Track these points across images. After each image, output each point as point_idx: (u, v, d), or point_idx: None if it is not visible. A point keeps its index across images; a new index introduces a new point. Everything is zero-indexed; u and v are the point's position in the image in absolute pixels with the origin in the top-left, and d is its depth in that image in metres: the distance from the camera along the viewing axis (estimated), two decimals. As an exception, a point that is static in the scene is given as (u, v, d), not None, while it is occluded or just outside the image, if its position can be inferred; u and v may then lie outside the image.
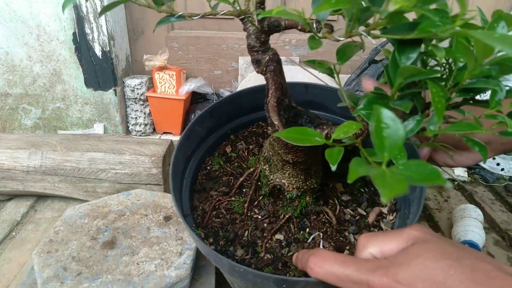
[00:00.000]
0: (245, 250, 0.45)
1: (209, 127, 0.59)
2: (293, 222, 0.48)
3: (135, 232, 0.64)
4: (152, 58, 1.24)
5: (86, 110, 1.32)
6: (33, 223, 0.87)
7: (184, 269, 0.56)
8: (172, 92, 1.29)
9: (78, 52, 1.22)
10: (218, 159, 0.58)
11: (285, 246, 0.45)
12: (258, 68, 0.42)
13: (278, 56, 0.43)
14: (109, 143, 0.93)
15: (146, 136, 1.38)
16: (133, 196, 0.73)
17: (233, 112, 0.61)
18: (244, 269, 0.37)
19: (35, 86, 1.28)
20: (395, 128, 0.26)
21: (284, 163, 0.46)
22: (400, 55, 0.28)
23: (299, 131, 0.32)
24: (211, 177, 0.56)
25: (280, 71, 0.43)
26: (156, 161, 0.87)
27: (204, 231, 0.48)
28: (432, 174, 0.23)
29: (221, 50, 1.37)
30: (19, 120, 1.34)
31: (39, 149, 0.88)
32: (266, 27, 0.39)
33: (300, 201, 0.48)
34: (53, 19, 1.16)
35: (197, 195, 0.54)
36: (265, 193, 0.50)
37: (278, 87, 0.42)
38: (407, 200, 0.46)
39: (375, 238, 0.34)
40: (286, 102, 0.45)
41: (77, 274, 0.55)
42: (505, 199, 1.05)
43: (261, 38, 0.40)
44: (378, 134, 0.26)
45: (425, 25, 0.25)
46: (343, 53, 0.34)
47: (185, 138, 0.55)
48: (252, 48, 0.41)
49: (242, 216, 0.49)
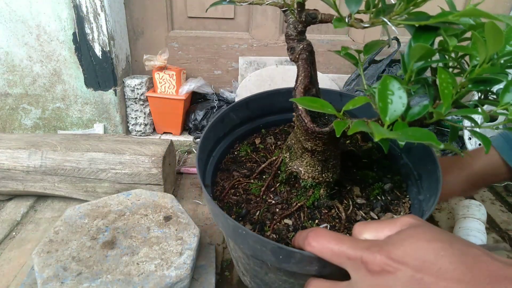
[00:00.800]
0: (253, 226, 0.48)
1: (243, 117, 0.63)
2: (304, 211, 0.49)
3: (135, 232, 0.64)
4: (152, 58, 1.24)
5: (86, 110, 1.32)
6: (33, 223, 0.87)
7: (184, 269, 0.56)
8: (172, 92, 1.29)
9: (78, 52, 1.22)
10: (246, 147, 0.61)
11: (292, 231, 0.47)
12: (291, 55, 0.45)
13: (312, 48, 0.46)
14: (109, 143, 0.93)
15: (146, 136, 1.38)
16: (133, 196, 0.73)
17: (268, 108, 0.65)
18: (246, 231, 0.39)
19: (35, 86, 1.28)
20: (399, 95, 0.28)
21: (304, 150, 0.48)
22: (416, 41, 0.30)
23: (314, 100, 0.34)
24: (236, 160, 0.60)
25: (312, 62, 0.46)
26: (156, 161, 0.87)
27: (220, 204, 0.51)
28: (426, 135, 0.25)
29: (221, 50, 1.37)
30: (19, 120, 1.34)
31: (39, 149, 0.88)
32: (303, 18, 0.42)
33: (314, 192, 0.50)
34: (53, 19, 1.16)
35: (220, 173, 0.57)
36: (282, 179, 0.52)
37: (307, 75, 0.45)
38: (421, 209, 0.48)
39: (370, 225, 0.35)
40: (314, 92, 0.47)
41: (77, 274, 0.55)
42: (505, 199, 1.05)
43: (298, 28, 0.43)
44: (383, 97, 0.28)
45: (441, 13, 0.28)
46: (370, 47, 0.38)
47: (219, 120, 0.58)
48: (289, 37, 0.44)
49: (257, 198, 0.52)
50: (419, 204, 0.49)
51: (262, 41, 1.35)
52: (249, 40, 1.35)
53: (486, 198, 1.05)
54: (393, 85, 0.29)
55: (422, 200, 0.49)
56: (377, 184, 0.54)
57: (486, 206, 1.01)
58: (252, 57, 1.36)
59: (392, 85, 0.29)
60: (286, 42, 0.46)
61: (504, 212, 0.98)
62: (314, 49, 0.46)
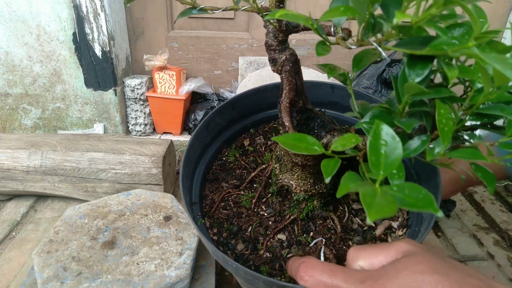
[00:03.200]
0: (246, 245, 0.46)
1: (230, 118, 0.59)
2: (298, 224, 0.47)
3: (135, 232, 0.64)
4: (152, 58, 1.24)
5: (86, 110, 1.32)
6: (33, 223, 0.87)
7: (184, 269, 0.56)
8: (172, 92, 1.29)
9: (78, 52, 1.22)
10: (234, 151, 0.58)
11: (286, 247, 0.45)
12: (274, 67, 0.42)
13: (296, 57, 0.42)
14: (109, 143, 0.93)
15: (146, 136, 1.38)
16: (133, 196, 0.73)
17: (256, 106, 0.61)
18: (236, 265, 0.37)
19: (35, 86, 1.28)
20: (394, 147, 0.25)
21: (294, 164, 0.45)
22: (410, 70, 0.27)
23: (298, 138, 0.31)
24: (225, 168, 0.56)
25: (297, 72, 0.43)
26: (156, 161, 0.87)
27: (210, 220, 0.49)
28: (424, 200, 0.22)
29: (221, 50, 1.37)
30: (19, 120, 1.34)
31: (39, 149, 0.88)
32: (284, 27, 0.38)
33: (307, 204, 0.47)
34: (53, 19, 1.16)
35: (209, 184, 0.54)
36: (273, 192, 0.50)
37: (293, 87, 0.42)
38: (420, 217, 0.46)
39: (365, 251, 0.34)
40: (300, 104, 0.45)
41: (77, 274, 0.55)
42: (505, 199, 1.05)
43: (279, 37, 0.40)
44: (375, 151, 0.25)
45: (439, 41, 0.24)
46: (359, 60, 0.32)
47: (204, 127, 0.55)
48: (270, 47, 0.41)
49: (249, 211, 0.49)
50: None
51: (262, 41, 1.35)
52: (249, 40, 1.35)
53: (486, 198, 1.05)
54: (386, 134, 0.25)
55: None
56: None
57: (486, 206, 1.01)
58: (252, 57, 1.36)
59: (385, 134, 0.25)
60: (267, 52, 0.42)
61: (504, 212, 0.98)
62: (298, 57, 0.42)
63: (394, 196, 0.23)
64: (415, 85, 0.26)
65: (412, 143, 0.30)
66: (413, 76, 0.27)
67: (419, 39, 0.25)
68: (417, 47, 0.25)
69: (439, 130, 0.26)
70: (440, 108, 0.26)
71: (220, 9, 0.39)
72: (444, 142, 0.27)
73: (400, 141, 0.25)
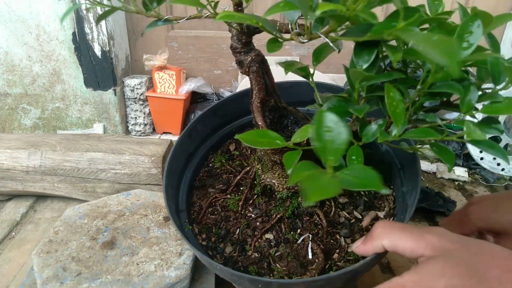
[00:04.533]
0: (234, 247, 0.46)
1: (213, 125, 0.59)
2: (284, 222, 0.48)
3: (134, 232, 0.64)
4: (152, 57, 1.23)
5: (86, 110, 1.32)
6: (32, 223, 0.87)
7: (184, 269, 0.56)
8: (172, 92, 1.28)
9: (77, 52, 1.21)
10: (220, 157, 0.58)
11: (274, 246, 0.46)
12: (241, 69, 0.42)
13: (262, 57, 0.43)
14: (109, 143, 0.92)
15: (146, 136, 1.38)
16: (133, 196, 0.73)
17: (239, 111, 0.61)
18: (220, 267, 0.38)
19: (35, 86, 1.27)
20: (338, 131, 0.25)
21: (273, 163, 0.46)
22: (357, 58, 0.28)
23: (259, 134, 0.32)
24: (212, 174, 0.57)
25: (265, 72, 0.43)
26: (156, 161, 0.87)
27: (198, 226, 0.49)
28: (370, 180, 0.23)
29: (221, 50, 1.37)
30: (19, 120, 1.34)
31: (38, 149, 0.88)
32: (245, 29, 0.39)
33: (291, 202, 0.48)
34: (52, 19, 1.16)
35: (197, 191, 0.54)
36: (258, 192, 0.50)
37: (262, 87, 0.43)
38: (405, 205, 0.46)
39: (393, 231, 0.33)
40: (272, 103, 0.45)
41: (76, 274, 0.55)
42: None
43: (243, 39, 0.41)
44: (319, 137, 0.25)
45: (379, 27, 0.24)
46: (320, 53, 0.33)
47: (186, 136, 0.55)
48: (235, 50, 0.42)
49: (236, 214, 0.50)
50: (403, 197, 0.47)
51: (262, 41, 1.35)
52: (249, 40, 1.35)
53: (486, 198, 1.05)
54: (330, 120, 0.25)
55: (406, 192, 0.47)
56: None
57: (487, 206, 1.00)
58: (252, 57, 1.35)
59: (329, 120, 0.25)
60: (233, 55, 0.43)
61: (505, 212, 0.98)
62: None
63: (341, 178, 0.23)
64: (360, 71, 0.26)
65: (370, 128, 0.30)
66: (360, 63, 0.28)
67: (363, 27, 0.26)
68: (360, 35, 0.26)
69: (390, 113, 0.27)
70: (389, 91, 0.27)
71: (184, 18, 0.39)
72: (397, 124, 0.27)
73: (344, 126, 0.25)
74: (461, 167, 1.17)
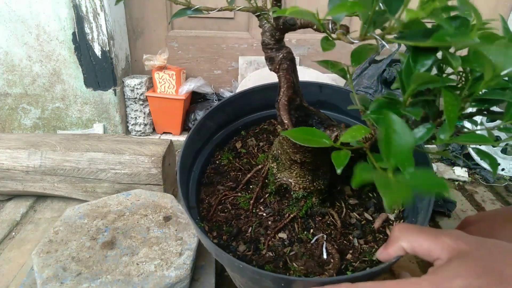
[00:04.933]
0: (248, 246, 0.46)
1: (220, 122, 0.59)
2: (297, 222, 0.47)
3: (134, 232, 0.64)
4: (152, 57, 1.23)
5: (86, 110, 1.32)
6: (32, 223, 0.87)
7: (184, 269, 0.56)
8: (172, 92, 1.28)
9: (77, 51, 1.21)
10: (227, 154, 0.58)
11: (288, 245, 0.45)
12: (271, 66, 0.42)
13: (292, 55, 0.42)
14: (109, 143, 0.92)
15: (146, 136, 1.38)
16: (133, 196, 0.73)
17: (245, 108, 0.61)
18: (244, 265, 0.38)
19: (35, 86, 1.27)
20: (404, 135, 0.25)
21: (292, 162, 0.45)
22: (415, 61, 0.28)
23: (307, 132, 0.32)
24: (219, 171, 0.56)
25: (293, 70, 0.43)
26: (156, 161, 0.87)
27: (209, 224, 0.49)
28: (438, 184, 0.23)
29: (221, 50, 1.37)
30: (19, 120, 1.34)
31: (38, 149, 0.88)
32: (281, 25, 0.38)
33: (306, 202, 0.48)
34: (52, 19, 1.16)
35: (204, 188, 0.54)
36: (272, 191, 0.50)
37: (290, 85, 0.42)
38: (415, 208, 0.46)
39: (410, 233, 0.34)
40: (298, 102, 0.45)
41: (76, 274, 0.55)
42: (506, 199, 1.05)
43: (276, 35, 0.40)
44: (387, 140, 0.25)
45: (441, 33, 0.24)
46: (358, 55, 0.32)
47: (195, 133, 0.55)
48: (266, 46, 0.41)
49: (247, 212, 0.49)
50: (413, 201, 0.47)
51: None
52: (249, 40, 1.35)
53: (487, 198, 1.05)
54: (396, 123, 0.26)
55: (416, 196, 0.47)
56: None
57: (487, 206, 1.00)
58: (252, 56, 1.35)
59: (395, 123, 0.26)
60: (263, 51, 0.42)
61: (505, 212, 0.98)
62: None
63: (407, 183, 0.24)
64: (424, 74, 0.26)
65: (418, 132, 0.30)
66: (418, 67, 0.28)
67: (420, 32, 0.26)
68: (420, 40, 0.26)
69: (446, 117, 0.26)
70: (446, 96, 0.27)
71: (216, 9, 0.38)
72: (450, 129, 0.27)
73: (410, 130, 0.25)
74: (461, 167, 1.17)
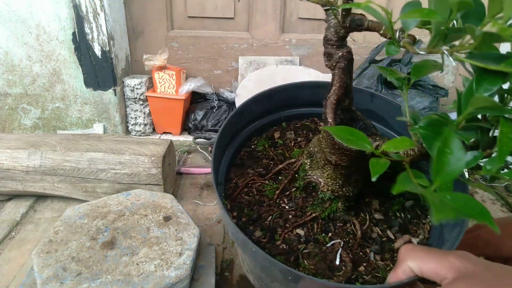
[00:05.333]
0: (264, 233, 0.46)
1: (264, 109, 0.60)
2: (318, 222, 0.47)
3: (134, 232, 0.64)
4: (152, 57, 1.23)
5: (86, 110, 1.32)
6: (32, 223, 0.87)
7: (183, 269, 0.56)
8: (172, 92, 1.28)
9: (77, 51, 1.21)
10: (264, 141, 0.58)
11: (303, 243, 0.45)
12: (328, 62, 0.41)
13: (352, 56, 0.42)
14: (109, 143, 0.92)
15: (146, 136, 1.38)
16: (133, 196, 0.73)
17: (291, 101, 0.61)
18: (256, 249, 0.37)
19: (35, 86, 1.27)
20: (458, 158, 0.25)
21: (326, 162, 0.45)
22: (478, 84, 0.27)
23: (350, 132, 0.32)
24: (252, 156, 0.57)
25: (349, 71, 0.42)
26: (156, 161, 0.87)
27: (231, 203, 0.49)
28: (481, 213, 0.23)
29: (221, 50, 1.37)
30: (19, 120, 1.34)
31: (38, 149, 0.88)
32: (348, 23, 0.38)
33: (331, 205, 0.47)
34: (52, 19, 1.16)
35: (235, 168, 0.55)
36: (299, 186, 0.50)
37: (342, 85, 0.42)
38: (442, 238, 0.45)
39: (416, 253, 0.34)
40: (346, 103, 0.45)
41: (76, 274, 0.55)
42: (506, 199, 1.05)
43: (340, 33, 0.39)
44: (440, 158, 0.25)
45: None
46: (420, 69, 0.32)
47: (239, 113, 0.55)
48: (328, 41, 0.40)
49: (271, 201, 0.50)
50: (440, 230, 0.46)
51: (262, 40, 1.35)
52: (249, 40, 1.35)
53: (487, 198, 1.05)
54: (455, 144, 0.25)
55: (444, 225, 0.46)
56: (399, 199, 0.50)
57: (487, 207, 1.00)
58: (252, 57, 1.35)
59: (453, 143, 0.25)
60: (323, 46, 0.41)
61: (505, 213, 0.98)
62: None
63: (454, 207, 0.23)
64: (485, 97, 0.25)
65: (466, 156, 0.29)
66: (480, 91, 0.27)
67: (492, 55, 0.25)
68: (491, 62, 0.25)
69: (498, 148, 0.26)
70: (503, 126, 0.26)
71: None
72: (499, 161, 0.26)
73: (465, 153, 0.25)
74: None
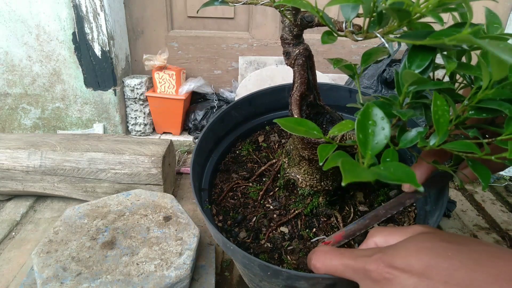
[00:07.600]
0: (248, 234, 0.47)
1: (246, 114, 0.61)
2: (301, 218, 0.48)
3: (134, 232, 0.64)
4: (152, 57, 1.23)
5: (86, 110, 1.32)
6: (32, 223, 0.87)
7: (184, 269, 0.56)
8: (172, 92, 1.28)
9: (77, 51, 1.21)
10: (248, 146, 0.60)
11: (287, 240, 0.46)
12: (287, 60, 0.43)
13: (309, 52, 0.43)
14: (109, 143, 0.92)
15: (146, 136, 1.38)
16: (133, 196, 0.73)
17: (273, 104, 0.62)
18: (234, 248, 0.39)
19: (35, 86, 1.27)
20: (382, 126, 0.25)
21: (301, 158, 0.46)
22: (411, 61, 0.28)
23: (298, 122, 0.32)
24: (237, 160, 0.58)
25: (310, 67, 0.44)
26: (156, 161, 0.87)
27: (217, 208, 0.50)
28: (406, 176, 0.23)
29: (221, 50, 1.37)
30: (19, 120, 1.34)
31: (38, 149, 0.88)
32: (299, 21, 0.40)
33: (312, 200, 0.48)
34: (52, 19, 1.16)
35: (220, 174, 0.56)
36: (280, 185, 0.51)
37: (304, 81, 0.43)
38: (426, 221, 0.46)
39: (383, 229, 0.35)
40: (311, 99, 0.46)
41: (76, 274, 0.55)
42: (506, 199, 1.05)
43: (294, 31, 0.41)
44: (363, 129, 0.25)
45: (438, 33, 0.25)
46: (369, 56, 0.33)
47: (219, 120, 0.56)
48: (284, 40, 0.42)
49: (255, 203, 0.51)
50: (425, 215, 0.47)
51: (262, 40, 1.35)
52: (249, 40, 1.35)
53: (487, 198, 1.05)
54: (376, 115, 0.26)
55: (429, 211, 0.46)
56: (383, 189, 0.51)
57: (487, 206, 1.00)
58: (252, 56, 1.35)
59: (374, 114, 0.26)
60: (282, 46, 0.43)
61: (505, 212, 0.98)
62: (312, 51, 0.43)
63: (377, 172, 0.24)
64: (413, 72, 0.26)
65: (409, 134, 0.30)
66: (413, 67, 0.28)
67: (422, 32, 0.26)
68: (418, 39, 0.26)
69: (434, 121, 0.26)
70: (436, 99, 0.27)
71: (241, 2, 0.39)
72: (439, 134, 0.27)
73: (388, 122, 0.25)
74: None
